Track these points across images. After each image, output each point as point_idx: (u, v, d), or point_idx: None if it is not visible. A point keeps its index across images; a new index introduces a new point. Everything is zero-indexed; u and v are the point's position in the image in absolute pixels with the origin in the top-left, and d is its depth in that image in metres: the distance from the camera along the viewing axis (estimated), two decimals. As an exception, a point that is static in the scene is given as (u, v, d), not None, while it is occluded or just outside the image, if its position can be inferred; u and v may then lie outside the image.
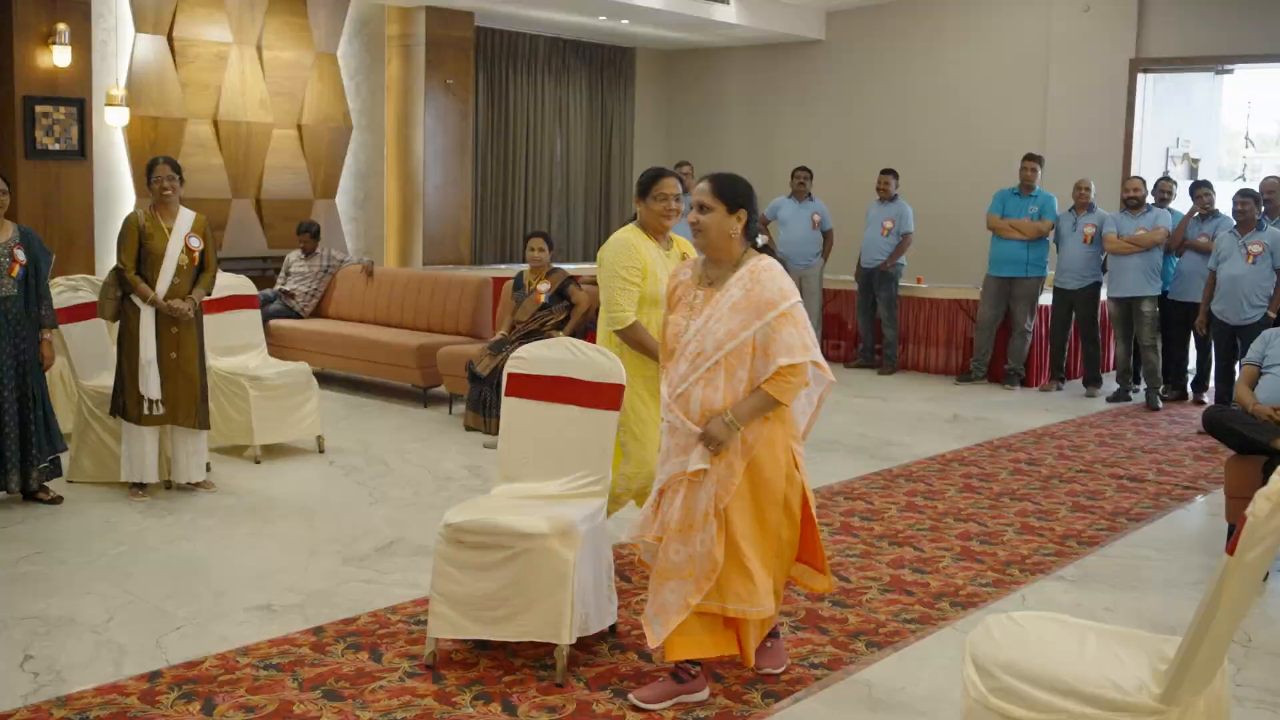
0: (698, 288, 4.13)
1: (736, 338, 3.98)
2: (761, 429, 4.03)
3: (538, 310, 8.29)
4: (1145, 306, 10.22)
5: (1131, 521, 6.70)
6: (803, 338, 3.99)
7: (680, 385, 4.07)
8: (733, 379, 4.00)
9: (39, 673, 4.29)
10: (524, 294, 8.39)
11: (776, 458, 4.07)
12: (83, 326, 7.15)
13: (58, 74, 10.39)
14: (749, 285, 4.01)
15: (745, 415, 3.98)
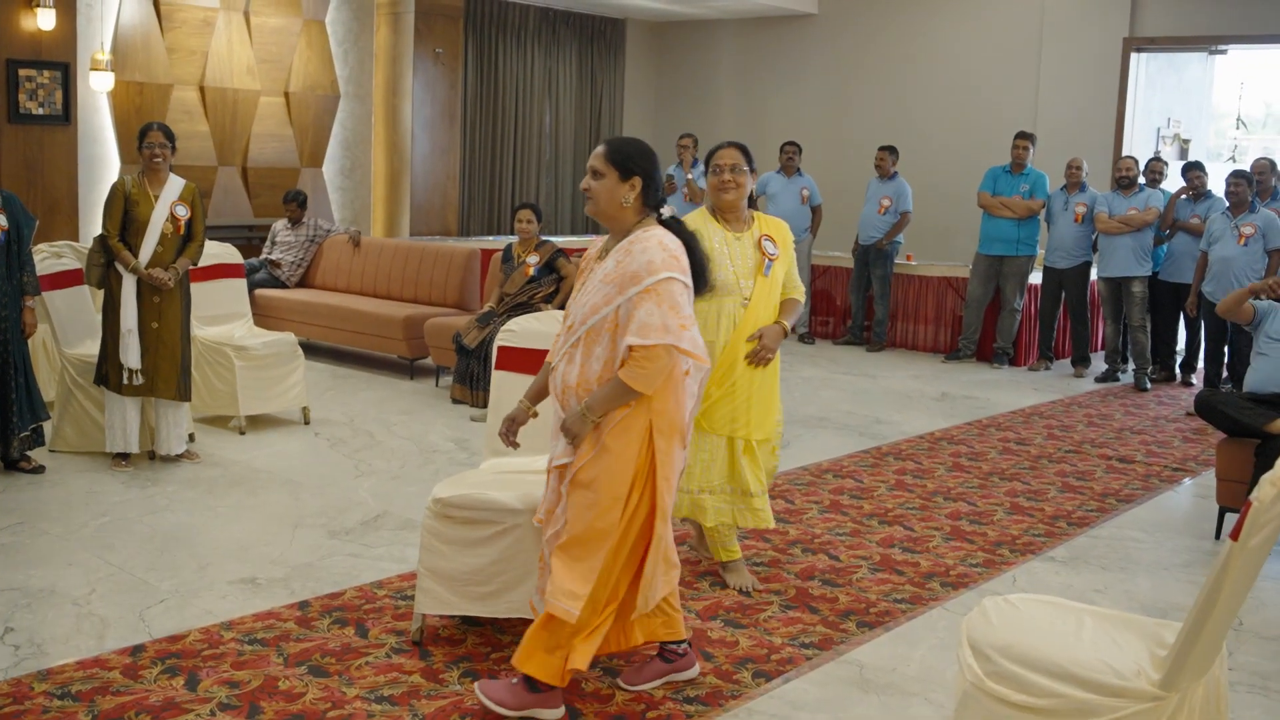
0: (596, 260, 3.85)
1: (598, 312, 3.68)
2: (618, 414, 3.68)
3: (526, 283, 8.22)
4: (1135, 287, 10.19)
5: (1121, 502, 6.68)
6: (664, 318, 3.60)
7: (553, 360, 3.90)
8: (590, 357, 3.71)
9: (19, 645, 4.23)
10: (512, 266, 8.32)
11: (627, 451, 3.69)
12: (66, 294, 7.06)
13: (41, 37, 10.24)
14: (621, 256, 3.70)
15: (598, 405, 3.66)
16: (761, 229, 4.93)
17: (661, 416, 3.71)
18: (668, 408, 3.72)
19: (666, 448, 3.73)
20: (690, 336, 3.67)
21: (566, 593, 3.68)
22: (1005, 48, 13.48)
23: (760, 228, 4.94)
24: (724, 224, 4.91)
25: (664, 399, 3.71)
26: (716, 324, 4.82)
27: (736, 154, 4.87)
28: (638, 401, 3.67)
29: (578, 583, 3.69)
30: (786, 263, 4.96)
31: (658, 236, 3.72)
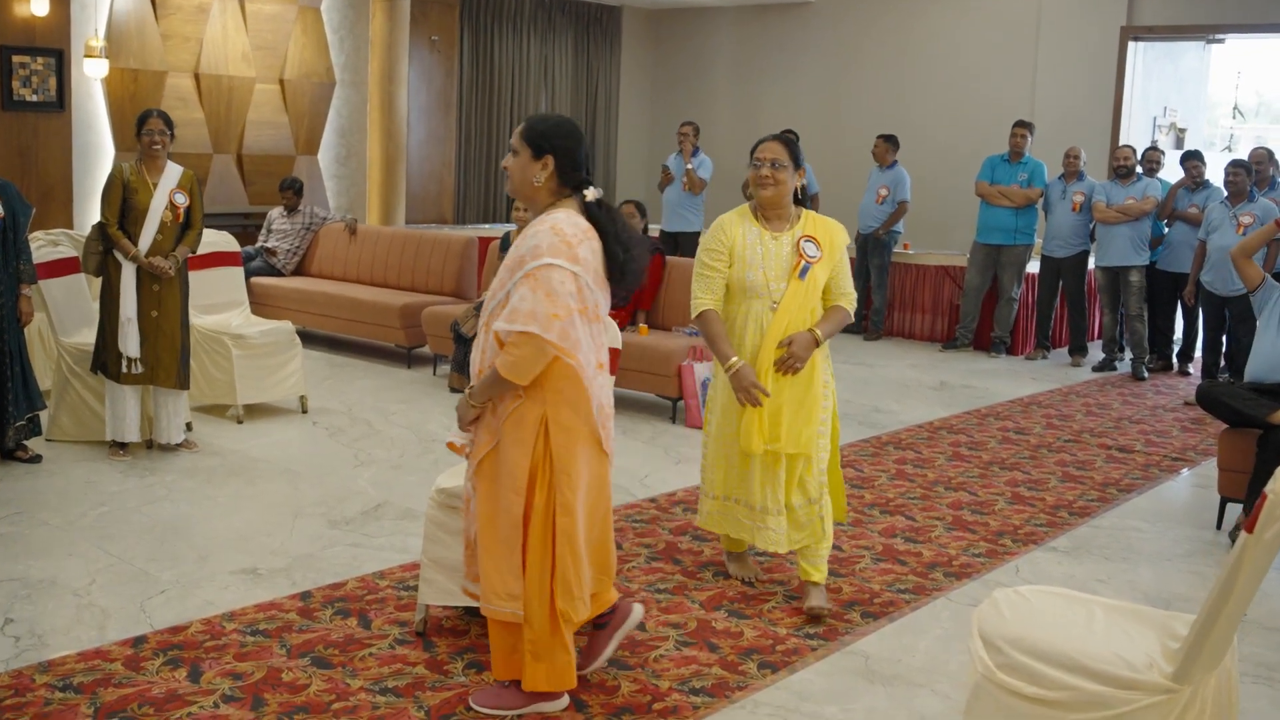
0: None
1: (494, 297, 3.63)
2: (511, 404, 3.60)
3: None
4: (1133, 276, 10.18)
5: (1121, 492, 6.67)
6: (535, 305, 3.48)
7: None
8: (489, 343, 3.65)
9: (20, 636, 4.20)
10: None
11: (523, 444, 3.59)
12: (63, 282, 7.02)
13: (35, 23, 10.18)
14: (520, 240, 3.63)
15: (479, 391, 3.62)
16: (806, 229, 4.61)
17: (558, 410, 3.60)
18: (564, 400, 3.60)
19: (567, 443, 3.61)
20: (561, 328, 3.51)
21: (504, 595, 3.66)
22: (1002, 36, 13.45)
23: (806, 228, 4.61)
24: (763, 222, 4.66)
25: (558, 391, 3.59)
26: (743, 328, 4.62)
27: (777, 148, 4.59)
28: (531, 392, 3.58)
29: (510, 581, 3.65)
30: (829, 267, 4.61)
31: (554, 220, 3.60)
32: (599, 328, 3.71)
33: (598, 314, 3.67)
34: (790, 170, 4.59)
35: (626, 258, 3.69)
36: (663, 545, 5.42)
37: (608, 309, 3.79)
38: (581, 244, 3.59)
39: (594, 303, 3.64)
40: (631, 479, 6.44)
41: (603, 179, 16.11)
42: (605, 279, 3.69)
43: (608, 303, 3.77)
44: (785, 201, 4.62)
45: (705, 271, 4.63)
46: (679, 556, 5.28)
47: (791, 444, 4.57)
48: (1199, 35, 12.67)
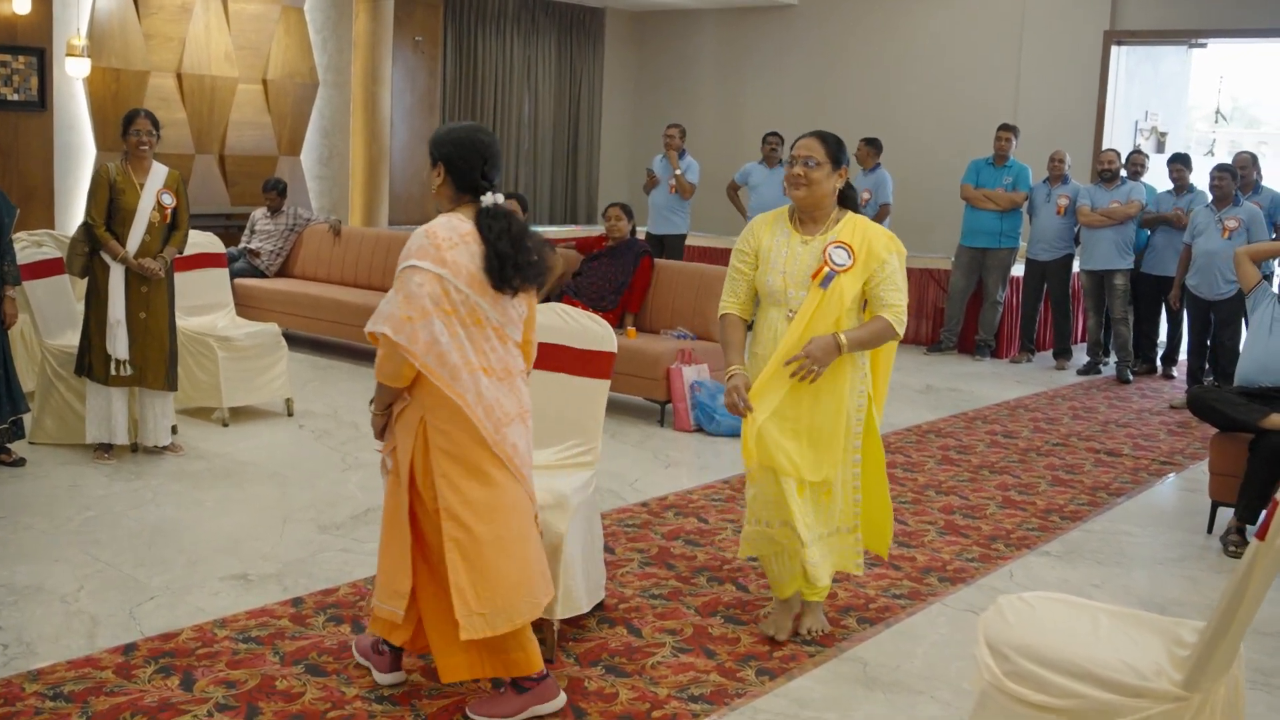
0: None
1: None
2: (399, 406, 3.70)
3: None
4: (1118, 279, 10.20)
5: (1111, 496, 6.67)
6: (392, 306, 3.54)
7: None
8: None
9: (8, 644, 4.14)
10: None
11: (405, 443, 3.66)
12: (46, 283, 6.95)
13: (17, 22, 10.08)
14: None
15: (375, 398, 3.72)
16: (842, 234, 4.25)
17: (435, 413, 3.60)
18: (439, 404, 3.59)
19: (447, 447, 3.61)
20: (411, 330, 3.51)
21: (391, 593, 3.74)
22: (986, 39, 13.47)
23: (842, 232, 4.26)
24: (796, 224, 4.36)
25: (430, 394, 3.59)
26: (762, 337, 4.37)
27: (812, 144, 4.27)
28: (412, 393, 3.65)
29: (399, 579, 3.70)
30: (862, 277, 4.22)
31: (432, 224, 3.64)
32: (485, 332, 3.65)
33: (479, 318, 3.62)
34: (828, 169, 4.25)
35: (513, 258, 3.64)
36: (655, 550, 5.39)
37: (518, 315, 3.76)
38: (455, 248, 3.58)
39: (471, 306, 3.60)
40: (621, 483, 6.41)
41: (585, 180, 16.08)
42: (488, 283, 3.62)
43: (516, 309, 3.74)
44: (821, 203, 4.29)
45: (731, 273, 4.45)
46: (672, 561, 5.25)
47: (812, 470, 4.26)
48: (1182, 40, 12.71)
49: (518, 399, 3.74)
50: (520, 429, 3.72)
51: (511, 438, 3.68)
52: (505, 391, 3.69)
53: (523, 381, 3.79)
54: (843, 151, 4.33)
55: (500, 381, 3.67)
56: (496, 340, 3.68)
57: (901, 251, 4.29)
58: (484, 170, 3.73)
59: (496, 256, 3.61)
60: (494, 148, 3.77)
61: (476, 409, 3.60)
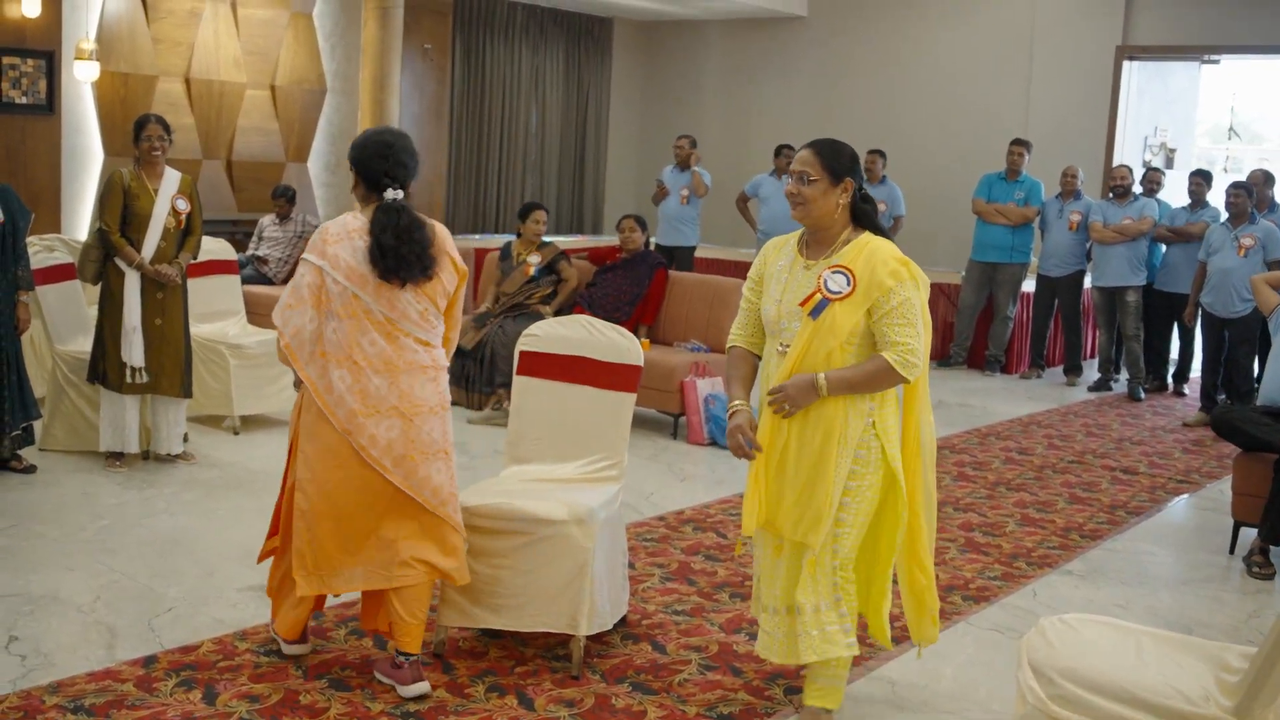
0: None
1: None
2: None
3: (525, 283, 8.10)
4: (1130, 296, 10.15)
5: (1130, 515, 6.62)
6: (284, 295, 3.87)
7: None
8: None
9: (26, 655, 4.08)
10: (511, 265, 8.21)
11: (292, 420, 4.05)
12: (58, 289, 6.89)
13: (26, 24, 10.03)
14: None
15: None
16: (846, 258, 3.68)
17: (306, 395, 3.91)
18: (307, 384, 3.87)
19: (309, 422, 3.88)
20: (284, 316, 3.84)
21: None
22: (996, 53, 13.45)
23: (846, 256, 3.69)
24: (803, 247, 3.83)
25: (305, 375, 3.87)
26: (763, 375, 3.88)
27: (807, 157, 3.76)
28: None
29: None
30: (861, 307, 3.62)
31: (333, 221, 3.92)
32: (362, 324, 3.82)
33: (356, 311, 3.81)
34: (824, 184, 3.69)
35: (394, 250, 3.79)
36: (675, 565, 5.33)
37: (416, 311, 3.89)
38: (339, 243, 3.82)
39: (348, 299, 3.80)
40: (637, 496, 6.35)
41: (592, 190, 16.04)
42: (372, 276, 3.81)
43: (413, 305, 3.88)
44: (823, 223, 3.73)
45: (742, 302, 3.97)
46: (693, 577, 5.19)
47: (789, 528, 3.69)
48: (1194, 55, 12.69)
49: (400, 394, 3.86)
50: (394, 423, 3.85)
51: (371, 429, 3.82)
52: (385, 384, 3.83)
53: (426, 379, 3.94)
54: (844, 161, 3.74)
55: (377, 374, 3.83)
56: (378, 334, 3.83)
57: (917, 279, 3.66)
58: (385, 169, 3.90)
59: (378, 248, 3.79)
60: (396, 147, 3.94)
61: (327, 397, 3.82)
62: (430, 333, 3.95)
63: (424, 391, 3.92)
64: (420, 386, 3.91)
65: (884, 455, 3.68)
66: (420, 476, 3.92)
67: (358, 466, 3.84)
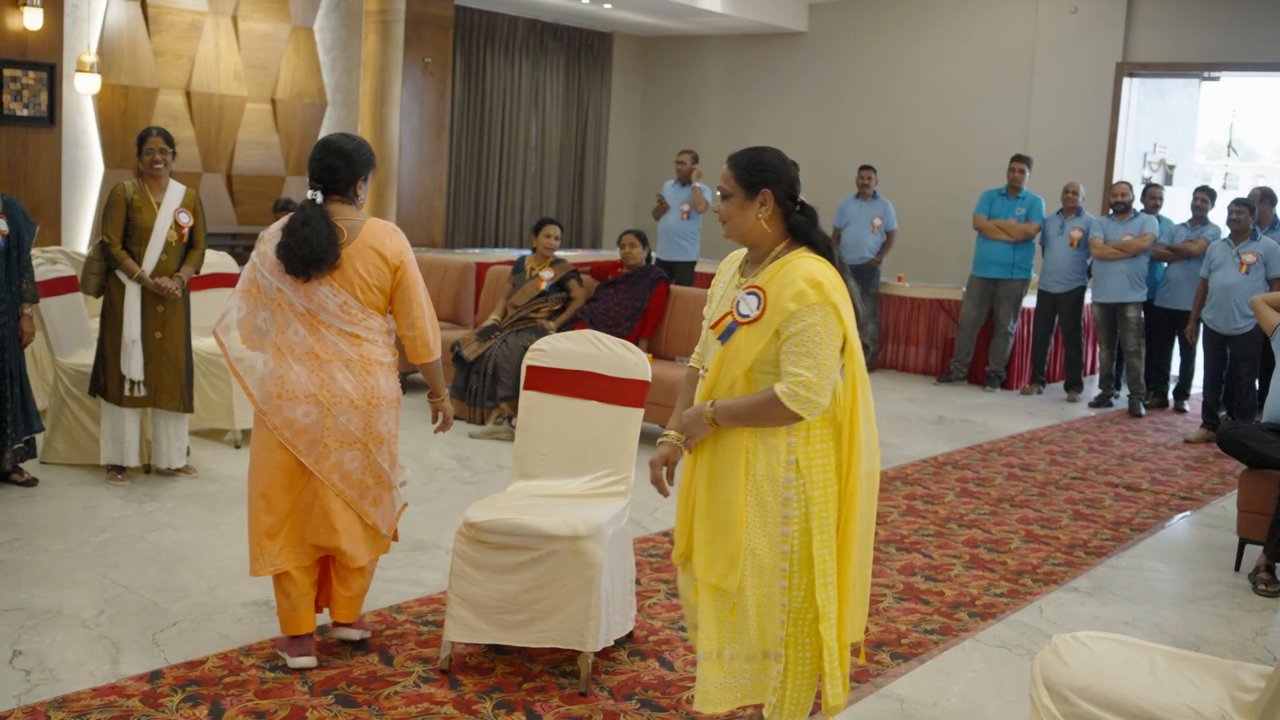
0: None
1: None
2: None
3: (536, 297, 8.12)
4: (1130, 312, 10.15)
5: (1135, 532, 6.60)
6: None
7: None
8: None
9: (30, 670, 4.05)
10: (523, 278, 8.24)
11: None
12: (60, 301, 6.86)
13: (28, 37, 10.02)
14: None
15: None
16: (765, 278, 3.30)
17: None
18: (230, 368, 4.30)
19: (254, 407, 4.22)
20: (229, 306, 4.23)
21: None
22: (997, 69, 13.48)
23: (764, 276, 3.32)
24: (745, 263, 3.50)
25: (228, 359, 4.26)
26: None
27: (724, 170, 3.43)
28: None
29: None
30: (765, 334, 3.25)
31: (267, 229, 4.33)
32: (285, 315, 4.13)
33: (280, 303, 4.13)
34: (739, 198, 3.37)
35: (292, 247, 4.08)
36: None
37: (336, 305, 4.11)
38: (269, 241, 4.19)
39: (273, 291, 4.13)
40: (641, 511, 6.33)
41: (591, 204, 16.05)
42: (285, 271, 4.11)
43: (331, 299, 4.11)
44: (747, 238, 3.40)
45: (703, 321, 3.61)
46: (699, 593, 5.17)
47: (702, 569, 3.36)
48: (1194, 72, 12.71)
49: (320, 383, 4.11)
50: (310, 410, 4.09)
51: (287, 412, 4.09)
52: (305, 372, 4.10)
53: (350, 372, 4.14)
54: (760, 172, 3.36)
55: (300, 362, 4.10)
56: (300, 324, 4.12)
57: (826, 303, 3.21)
58: (311, 172, 4.24)
59: (282, 245, 4.11)
60: (325, 150, 4.23)
61: (247, 378, 4.18)
62: (356, 326, 4.16)
63: (346, 384, 4.13)
64: (343, 379, 4.14)
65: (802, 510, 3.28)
66: (331, 462, 4.13)
67: (278, 448, 4.12)
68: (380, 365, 4.21)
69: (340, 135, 4.32)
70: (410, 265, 4.27)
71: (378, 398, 4.19)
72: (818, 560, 3.27)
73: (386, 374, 4.23)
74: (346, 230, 4.17)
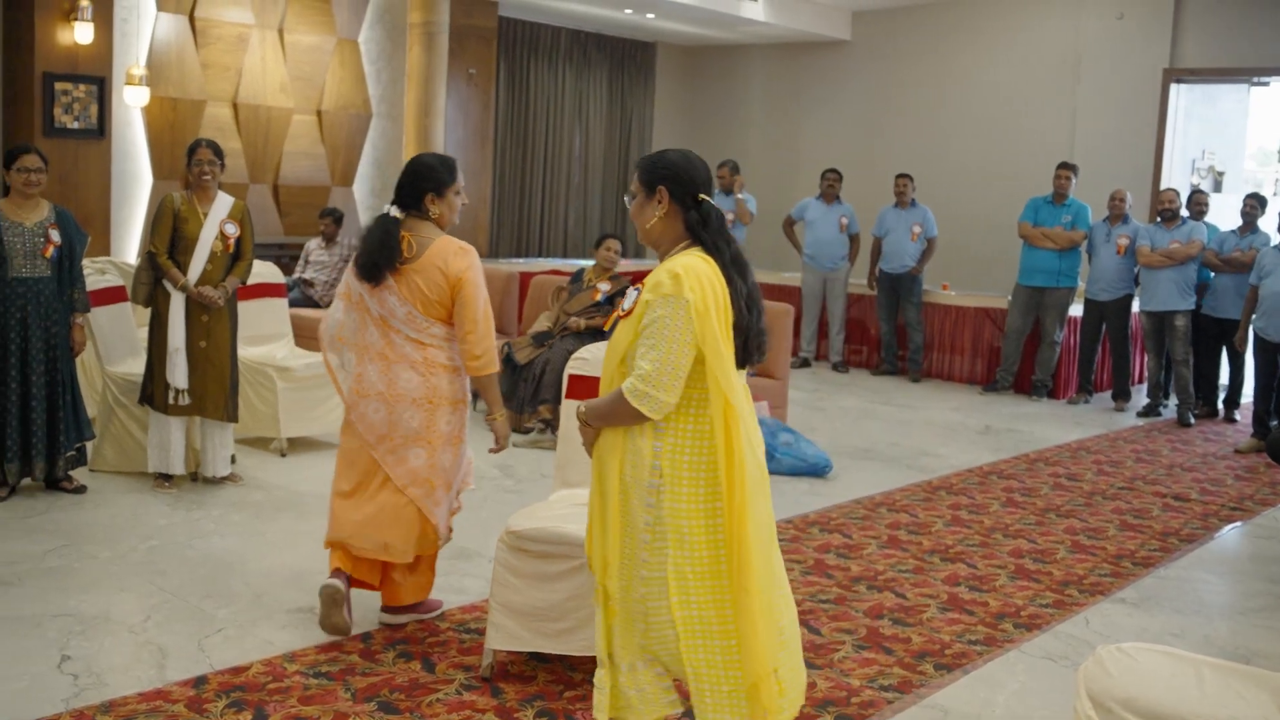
0: None
1: None
2: None
3: (589, 306, 8.19)
4: (1178, 321, 10.04)
5: (1183, 542, 6.53)
6: None
7: None
8: None
9: (78, 674, 4.10)
10: (580, 288, 8.34)
11: None
12: (109, 311, 6.95)
13: (78, 51, 10.16)
14: None
15: None
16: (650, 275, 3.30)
17: None
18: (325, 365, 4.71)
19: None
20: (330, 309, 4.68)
21: None
22: (1042, 76, 13.40)
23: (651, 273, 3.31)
24: None
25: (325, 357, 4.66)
26: None
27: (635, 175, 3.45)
28: None
29: None
30: (636, 328, 3.20)
31: None
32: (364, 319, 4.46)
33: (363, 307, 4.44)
34: (641, 197, 3.36)
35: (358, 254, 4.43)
36: (723, 590, 5.29)
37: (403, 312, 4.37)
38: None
39: (358, 296, 4.44)
40: (684, 520, 6.31)
41: (635, 214, 16.06)
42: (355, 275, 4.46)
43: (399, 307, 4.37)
44: (649, 237, 3.39)
45: None
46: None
47: (607, 572, 3.31)
48: (1242, 77, 12.59)
49: (391, 381, 4.38)
50: (378, 406, 4.40)
51: (362, 408, 4.43)
52: (376, 371, 4.40)
53: (414, 373, 4.39)
54: (658, 170, 3.34)
55: (373, 362, 4.41)
56: (374, 327, 4.40)
57: (679, 296, 3.12)
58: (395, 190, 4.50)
59: (355, 250, 4.46)
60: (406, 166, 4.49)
61: (338, 373, 4.55)
62: (421, 333, 4.40)
63: (409, 384, 4.40)
64: (407, 378, 4.40)
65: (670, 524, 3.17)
66: (396, 457, 4.43)
67: (356, 438, 4.48)
68: (443, 367, 4.44)
69: (425, 154, 4.59)
70: (471, 284, 4.39)
71: (439, 396, 4.43)
72: (674, 575, 3.16)
73: (450, 375, 4.46)
74: (416, 244, 4.38)
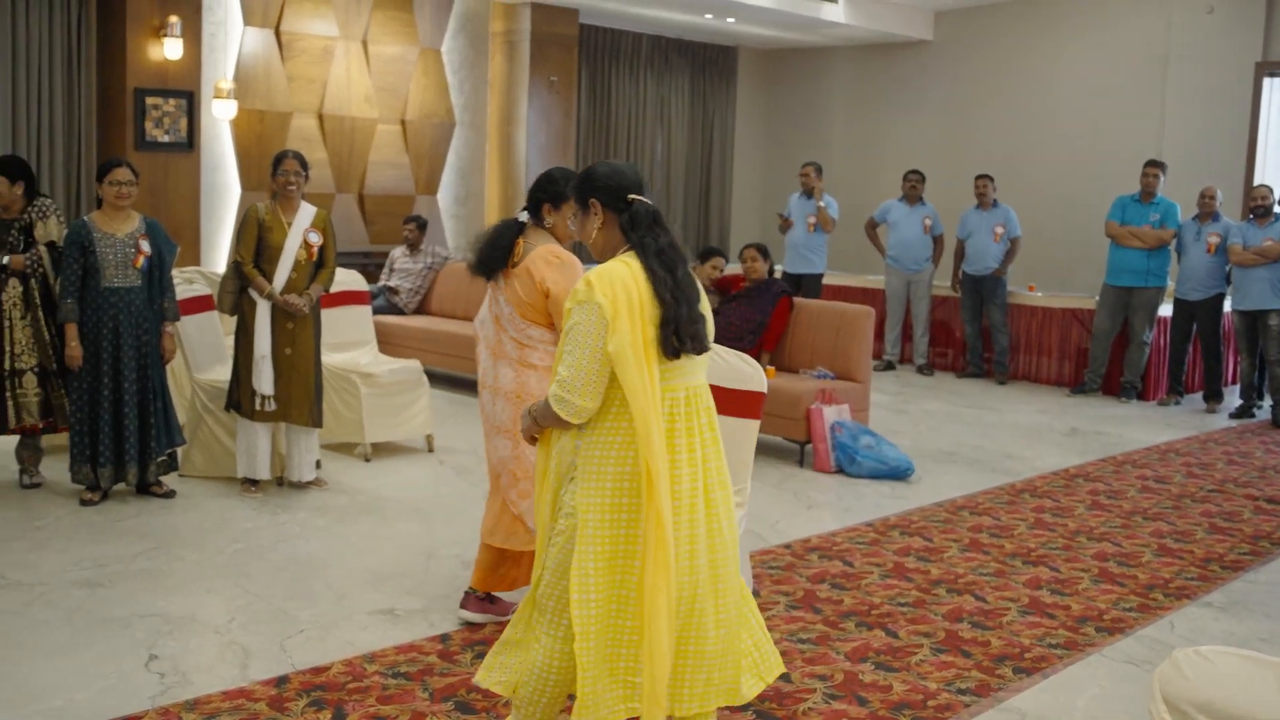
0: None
1: None
2: None
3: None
4: (1272, 320, 9.82)
5: (1275, 546, 6.39)
6: None
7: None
8: None
9: (164, 673, 4.20)
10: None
11: None
12: (197, 319, 7.10)
13: (168, 66, 10.41)
14: None
15: None
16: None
17: None
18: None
19: None
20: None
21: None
22: (1129, 73, 13.18)
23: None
24: None
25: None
26: None
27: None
28: None
29: None
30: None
31: None
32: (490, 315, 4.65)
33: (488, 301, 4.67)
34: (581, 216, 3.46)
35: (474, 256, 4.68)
36: (801, 594, 5.29)
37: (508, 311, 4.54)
38: None
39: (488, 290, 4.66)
40: (763, 524, 6.32)
41: (718, 218, 16.09)
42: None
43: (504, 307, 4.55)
44: (594, 249, 3.44)
45: None
46: (819, 605, 5.15)
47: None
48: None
49: (495, 374, 4.61)
50: (487, 396, 4.67)
51: (481, 397, 4.71)
52: (490, 363, 4.63)
53: (506, 365, 4.56)
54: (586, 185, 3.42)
55: (490, 354, 4.63)
56: (492, 323, 4.61)
57: (590, 301, 3.17)
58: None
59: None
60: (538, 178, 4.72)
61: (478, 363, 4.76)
62: (520, 334, 4.53)
63: (505, 378, 4.58)
64: (504, 372, 4.59)
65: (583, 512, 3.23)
66: (491, 445, 4.71)
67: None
68: (535, 367, 4.54)
69: (556, 166, 4.80)
70: (560, 295, 4.36)
71: (527, 393, 4.52)
72: (576, 572, 3.20)
73: (540, 376, 4.52)
74: (524, 249, 4.53)
